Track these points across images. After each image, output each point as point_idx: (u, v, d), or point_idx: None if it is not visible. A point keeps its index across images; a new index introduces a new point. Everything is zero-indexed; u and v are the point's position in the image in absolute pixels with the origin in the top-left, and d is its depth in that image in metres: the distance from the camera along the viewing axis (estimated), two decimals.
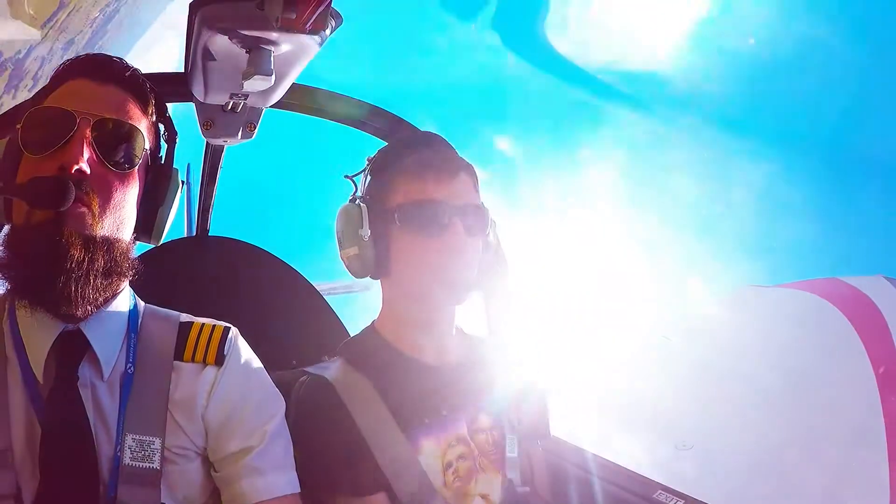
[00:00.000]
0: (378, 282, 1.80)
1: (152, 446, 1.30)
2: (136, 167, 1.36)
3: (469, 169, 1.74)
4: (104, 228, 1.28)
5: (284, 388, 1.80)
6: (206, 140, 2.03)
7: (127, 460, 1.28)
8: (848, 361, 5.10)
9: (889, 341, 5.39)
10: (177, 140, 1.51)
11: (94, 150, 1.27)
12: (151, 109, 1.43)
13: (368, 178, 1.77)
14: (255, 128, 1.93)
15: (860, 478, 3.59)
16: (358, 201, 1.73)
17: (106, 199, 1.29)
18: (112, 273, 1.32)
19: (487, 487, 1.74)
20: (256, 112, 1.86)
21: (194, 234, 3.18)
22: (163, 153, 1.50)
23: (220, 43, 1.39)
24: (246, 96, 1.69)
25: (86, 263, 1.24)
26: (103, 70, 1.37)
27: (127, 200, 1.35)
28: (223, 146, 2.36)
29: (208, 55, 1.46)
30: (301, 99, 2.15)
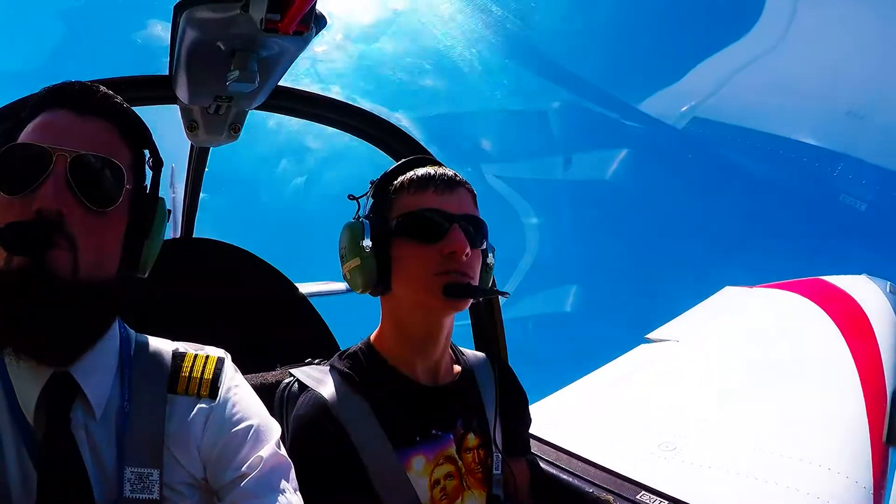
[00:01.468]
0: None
1: (150, 478, 1.28)
2: (118, 203, 1.29)
3: (468, 186, 1.78)
4: (87, 271, 1.22)
5: (268, 389, 1.80)
6: (190, 142, 2.03)
7: (126, 493, 1.26)
8: (832, 360, 5.14)
9: (872, 340, 5.43)
10: (162, 167, 1.45)
11: (72, 189, 1.21)
12: (135, 138, 1.38)
13: (371, 199, 1.79)
14: (239, 129, 1.92)
15: (843, 476, 3.62)
16: (360, 218, 1.75)
17: (87, 241, 1.23)
18: (97, 316, 1.29)
19: None
20: (241, 114, 1.86)
21: (179, 235, 3.17)
22: (149, 181, 1.44)
23: (205, 45, 1.38)
24: (230, 98, 1.68)
25: (68, 310, 1.21)
26: (82, 100, 1.31)
27: (110, 239, 1.30)
28: (208, 148, 2.36)
29: (193, 57, 1.45)
30: (285, 101, 2.15)
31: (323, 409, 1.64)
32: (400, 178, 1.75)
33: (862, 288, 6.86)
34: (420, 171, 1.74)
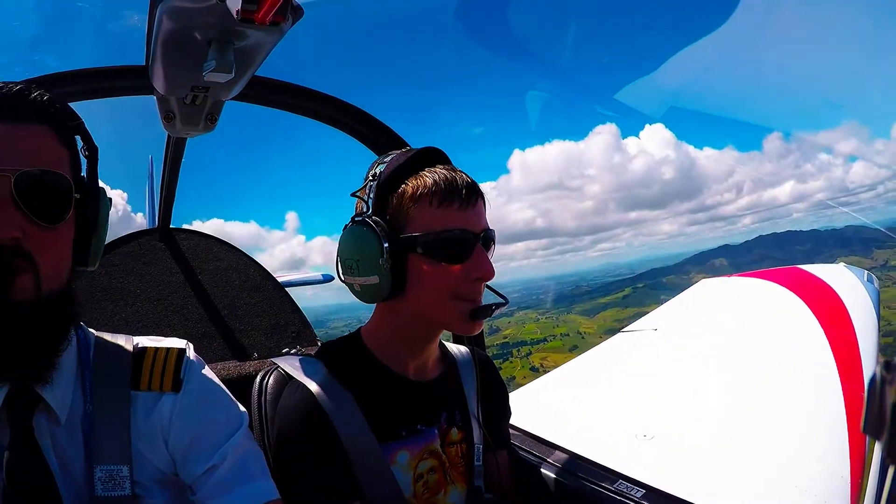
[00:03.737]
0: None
1: (121, 474, 1.28)
2: (69, 214, 1.25)
3: (482, 193, 1.71)
4: (47, 286, 1.20)
5: (247, 380, 1.80)
6: (167, 133, 2.02)
7: (98, 491, 1.26)
8: (809, 349, 5.17)
9: (850, 329, 5.47)
10: (97, 152, 1.37)
11: (21, 210, 1.16)
12: (70, 132, 1.32)
13: (373, 197, 1.69)
14: (216, 120, 1.91)
15: (819, 464, 3.66)
16: (367, 223, 1.67)
17: (44, 258, 1.19)
18: (60, 328, 1.28)
19: (455, 497, 1.81)
20: (217, 104, 1.85)
21: (156, 225, 3.16)
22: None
23: (181, 35, 1.37)
24: (207, 89, 1.67)
25: (37, 330, 1.20)
26: (16, 107, 1.22)
27: (63, 248, 1.28)
28: (185, 139, 2.35)
29: (169, 48, 1.44)
30: (262, 91, 2.15)
31: (310, 400, 1.63)
32: (417, 185, 1.65)
33: (839, 277, 6.89)
34: (440, 179, 1.64)
